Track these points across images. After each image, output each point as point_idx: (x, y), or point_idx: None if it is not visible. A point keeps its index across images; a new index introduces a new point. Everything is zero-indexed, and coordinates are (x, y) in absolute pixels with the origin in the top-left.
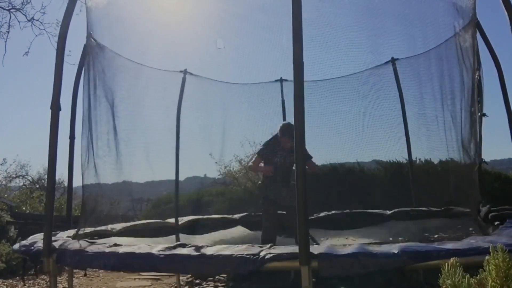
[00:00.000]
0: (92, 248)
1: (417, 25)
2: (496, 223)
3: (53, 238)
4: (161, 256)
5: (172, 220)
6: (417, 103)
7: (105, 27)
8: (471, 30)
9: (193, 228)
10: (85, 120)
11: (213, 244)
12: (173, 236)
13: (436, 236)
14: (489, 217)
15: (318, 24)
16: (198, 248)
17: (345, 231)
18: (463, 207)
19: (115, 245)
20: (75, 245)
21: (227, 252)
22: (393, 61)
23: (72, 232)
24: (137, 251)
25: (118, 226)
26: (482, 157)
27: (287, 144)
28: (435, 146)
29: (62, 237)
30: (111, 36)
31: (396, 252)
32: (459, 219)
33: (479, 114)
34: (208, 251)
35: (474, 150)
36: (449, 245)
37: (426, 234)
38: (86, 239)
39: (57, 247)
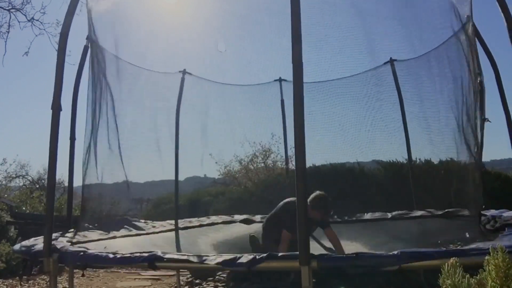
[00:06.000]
0: (91, 249)
1: (416, 27)
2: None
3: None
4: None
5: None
6: (416, 104)
7: (106, 28)
8: (469, 32)
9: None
10: (87, 121)
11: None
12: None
13: (438, 241)
14: (490, 225)
15: (318, 25)
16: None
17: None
18: (465, 211)
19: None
20: (74, 245)
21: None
22: (391, 62)
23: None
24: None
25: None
26: (482, 160)
27: (316, 217)
28: (434, 147)
29: (62, 239)
30: (111, 36)
31: (395, 253)
32: (460, 224)
33: (482, 118)
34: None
35: (474, 153)
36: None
37: (427, 239)
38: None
39: (57, 247)
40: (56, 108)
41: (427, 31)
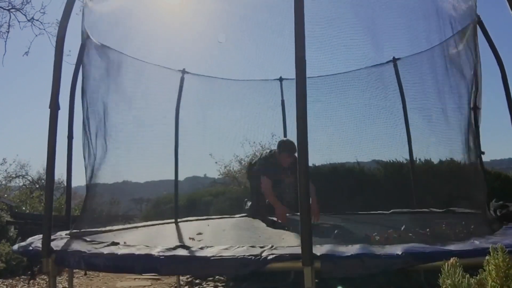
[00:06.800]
0: (91, 249)
1: (419, 22)
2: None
3: (52, 237)
4: (162, 257)
5: None
6: (418, 101)
7: (103, 25)
8: (472, 27)
9: None
10: (84, 119)
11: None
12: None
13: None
14: (497, 213)
15: (319, 22)
16: (199, 250)
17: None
18: (467, 205)
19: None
20: (74, 245)
21: (228, 253)
22: (394, 60)
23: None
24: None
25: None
26: (482, 150)
27: (287, 161)
28: (436, 145)
29: (61, 237)
30: (109, 34)
31: (399, 253)
32: (463, 218)
33: (478, 108)
34: (209, 252)
35: (475, 146)
36: (453, 246)
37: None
38: (85, 239)
39: (56, 247)
40: (54, 107)
41: (431, 27)
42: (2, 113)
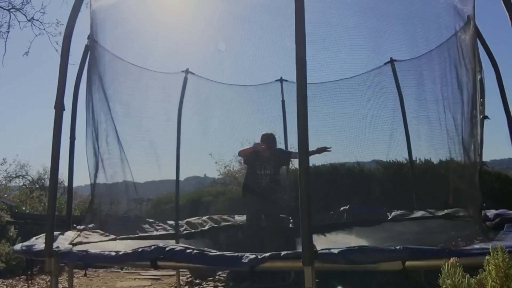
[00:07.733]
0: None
1: (418, 26)
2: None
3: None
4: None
5: None
6: (417, 104)
7: (108, 28)
8: (471, 31)
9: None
10: (88, 120)
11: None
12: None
13: (439, 241)
14: (493, 222)
15: (320, 25)
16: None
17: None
18: (465, 210)
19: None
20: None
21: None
22: (392, 62)
23: (72, 233)
24: None
25: None
26: (483, 159)
27: (266, 152)
28: (435, 147)
29: (62, 238)
30: (113, 37)
31: (398, 248)
32: (462, 223)
33: (481, 116)
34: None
35: (474, 152)
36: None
37: (428, 238)
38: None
39: (58, 247)
40: (59, 108)
41: (429, 30)
42: (2, 113)
